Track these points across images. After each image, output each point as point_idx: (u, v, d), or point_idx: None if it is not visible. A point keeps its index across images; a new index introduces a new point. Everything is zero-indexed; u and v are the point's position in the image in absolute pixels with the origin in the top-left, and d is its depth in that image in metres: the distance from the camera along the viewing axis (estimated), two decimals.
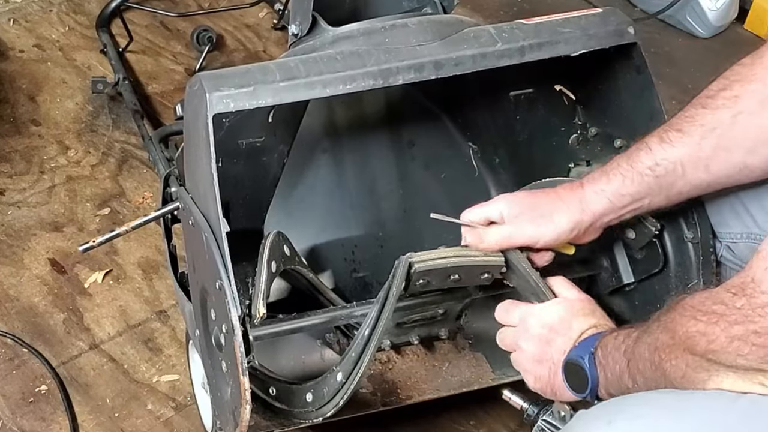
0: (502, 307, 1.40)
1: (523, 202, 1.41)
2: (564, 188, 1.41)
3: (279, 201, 1.62)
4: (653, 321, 1.17)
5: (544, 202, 1.40)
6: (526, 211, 1.40)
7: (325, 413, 1.39)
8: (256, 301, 1.35)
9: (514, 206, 1.41)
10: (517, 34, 1.42)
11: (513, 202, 1.42)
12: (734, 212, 1.43)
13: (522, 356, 1.37)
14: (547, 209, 1.39)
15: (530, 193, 1.45)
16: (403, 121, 1.69)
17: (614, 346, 1.23)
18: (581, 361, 1.26)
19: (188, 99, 1.39)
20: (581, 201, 1.38)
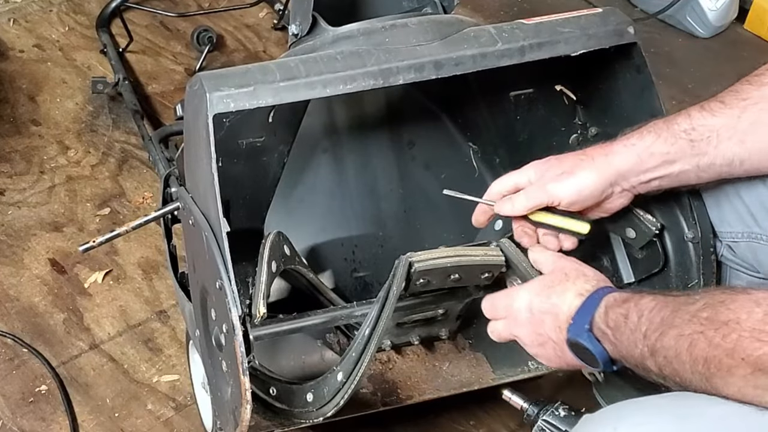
0: (486, 303, 1.38)
1: (550, 162, 1.40)
2: (593, 147, 1.39)
3: (279, 201, 1.62)
4: (684, 314, 1.11)
5: (570, 160, 1.38)
6: (552, 169, 1.38)
7: (326, 413, 1.39)
8: (256, 300, 1.35)
9: (541, 168, 1.39)
10: (517, 34, 1.42)
11: (540, 164, 1.40)
12: (735, 211, 1.43)
13: (526, 347, 1.34)
14: (570, 165, 1.37)
15: (559, 156, 1.42)
16: (403, 121, 1.69)
17: (628, 327, 1.18)
18: (581, 341, 1.23)
19: (188, 99, 1.39)
20: (607, 155, 1.36)
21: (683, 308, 1.12)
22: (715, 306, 1.09)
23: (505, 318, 1.35)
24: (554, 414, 1.63)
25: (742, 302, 1.07)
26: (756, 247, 1.42)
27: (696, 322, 1.10)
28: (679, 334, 1.11)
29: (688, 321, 1.10)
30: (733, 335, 1.05)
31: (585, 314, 1.24)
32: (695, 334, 1.09)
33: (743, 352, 1.04)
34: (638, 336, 1.16)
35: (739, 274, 1.47)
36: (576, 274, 1.31)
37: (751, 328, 1.04)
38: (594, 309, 1.23)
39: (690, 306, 1.11)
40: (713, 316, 1.08)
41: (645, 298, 1.18)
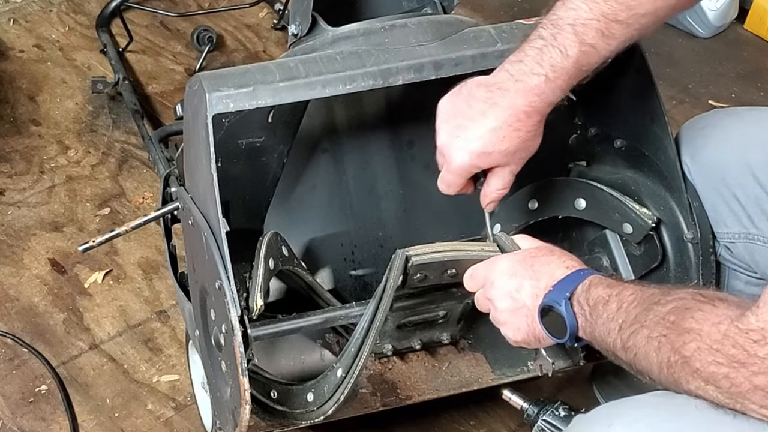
0: (467, 275, 1.37)
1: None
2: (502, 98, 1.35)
3: (279, 201, 1.62)
4: (654, 314, 1.13)
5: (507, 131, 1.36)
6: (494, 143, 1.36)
7: (326, 411, 1.39)
8: (253, 294, 1.35)
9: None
10: (516, 35, 1.42)
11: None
12: (732, 213, 1.43)
13: (497, 313, 1.33)
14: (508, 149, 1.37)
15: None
16: (402, 121, 1.69)
17: (606, 313, 1.19)
18: (558, 306, 1.23)
19: (188, 99, 1.39)
20: (524, 96, 1.34)
21: (655, 308, 1.13)
22: (682, 312, 1.10)
23: (485, 285, 1.35)
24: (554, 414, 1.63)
25: (706, 315, 1.07)
26: (753, 247, 1.43)
27: (663, 325, 1.11)
28: (649, 336, 1.12)
29: (656, 323, 1.11)
30: (692, 344, 1.07)
31: (568, 284, 1.25)
32: (661, 337, 1.10)
33: (698, 363, 1.06)
34: (613, 326, 1.17)
35: (738, 274, 1.48)
36: (562, 253, 1.32)
37: (709, 346, 1.05)
38: (578, 282, 1.24)
39: (661, 307, 1.12)
40: (678, 322, 1.09)
41: (628, 290, 1.18)
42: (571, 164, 1.61)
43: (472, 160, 1.35)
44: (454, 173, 1.38)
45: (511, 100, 1.33)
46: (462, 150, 1.35)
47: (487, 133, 1.33)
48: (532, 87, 1.32)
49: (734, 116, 1.54)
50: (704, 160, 1.46)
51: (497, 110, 1.33)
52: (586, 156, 1.59)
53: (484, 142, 1.34)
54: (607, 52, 1.34)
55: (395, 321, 1.50)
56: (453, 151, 1.36)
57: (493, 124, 1.33)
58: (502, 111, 1.33)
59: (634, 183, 1.53)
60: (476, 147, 1.34)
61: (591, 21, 1.31)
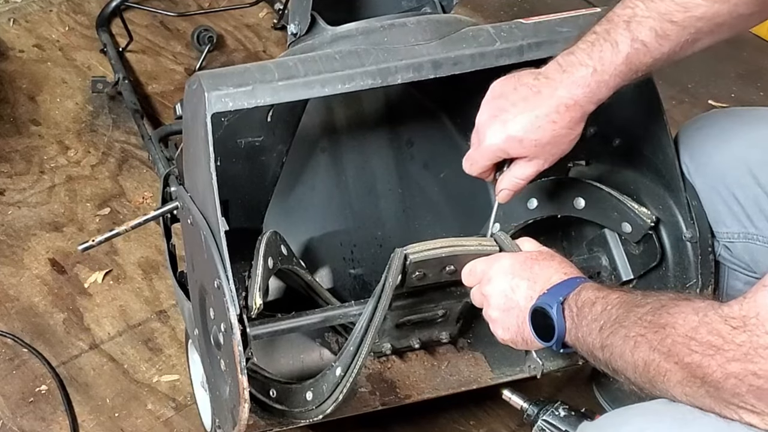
0: (466, 270, 1.37)
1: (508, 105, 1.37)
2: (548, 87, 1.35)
3: (278, 200, 1.62)
4: (634, 315, 1.13)
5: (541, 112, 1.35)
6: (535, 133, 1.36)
7: (325, 410, 1.39)
8: (252, 292, 1.35)
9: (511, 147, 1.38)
10: (515, 34, 1.42)
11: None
12: (731, 212, 1.43)
13: (490, 309, 1.33)
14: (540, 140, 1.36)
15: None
16: (402, 120, 1.69)
17: (591, 314, 1.19)
18: (549, 309, 1.23)
19: (187, 98, 1.40)
20: (569, 92, 1.33)
21: (635, 309, 1.13)
22: (658, 309, 1.10)
23: (482, 280, 1.35)
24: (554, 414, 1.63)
25: (681, 308, 1.07)
26: (752, 247, 1.43)
27: (640, 325, 1.11)
28: (626, 335, 1.12)
29: (634, 322, 1.11)
30: (668, 340, 1.06)
31: (562, 289, 1.25)
32: (638, 337, 1.10)
33: (676, 356, 1.06)
34: (595, 327, 1.17)
35: (737, 274, 1.48)
36: (562, 260, 1.32)
37: (684, 335, 1.05)
38: (572, 288, 1.24)
39: (640, 308, 1.12)
40: (654, 320, 1.09)
41: (614, 294, 1.19)
42: (570, 164, 1.61)
43: (504, 143, 1.35)
44: (482, 153, 1.38)
45: (554, 90, 1.32)
46: (496, 131, 1.35)
47: (524, 118, 1.33)
48: (577, 78, 1.32)
49: (733, 116, 1.55)
50: (703, 160, 1.46)
51: (539, 98, 1.33)
52: (585, 155, 1.59)
53: (519, 127, 1.33)
54: (659, 53, 1.33)
55: (394, 320, 1.50)
56: (487, 131, 1.36)
57: (532, 112, 1.33)
58: (544, 100, 1.32)
59: (633, 182, 1.53)
60: (510, 131, 1.34)
61: (646, 18, 1.31)
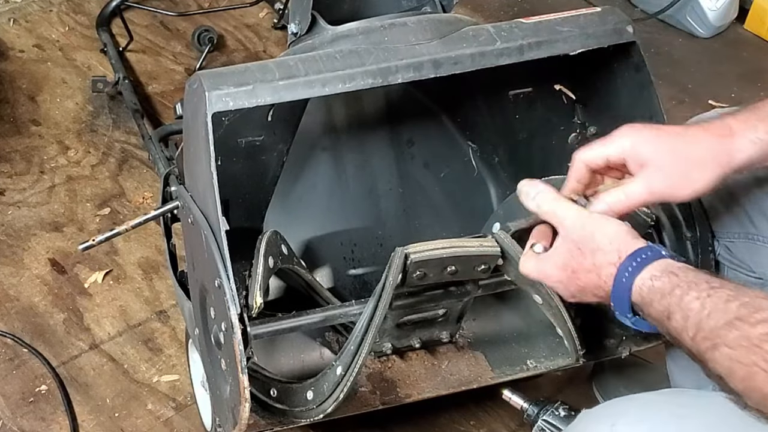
0: (523, 270, 1.25)
1: (656, 144, 1.21)
2: (708, 133, 1.20)
3: (278, 200, 1.62)
4: (737, 331, 1.01)
5: (683, 152, 1.20)
6: (658, 158, 1.20)
7: (326, 409, 1.39)
8: (253, 291, 1.35)
9: (643, 147, 1.20)
10: (516, 33, 1.42)
11: (641, 142, 1.21)
12: (731, 212, 1.43)
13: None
14: (684, 162, 1.19)
15: (662, 134, 1.22)
16: (402, 119, 1.70)
17: (670, 323, 1.08)
18: (623, 318, 1.15)
19: (188, 97, 1.39)
20: (729, 153, 1.20)
21: (739, 326, 1.01)
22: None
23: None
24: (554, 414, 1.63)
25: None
26: (752, 247, 1.43)
27: (757, 354, 0.99)
28: (735, 358, 1.01)
29: (746, 349, 1.00)
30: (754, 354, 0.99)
31: (621, 297, 1.15)
32: (755, 367, 0.99)
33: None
34: (685, 336, 1.07)
35: (737, 274, 1.48)
36: (598, 249, 1.19)
37: None
38: (629, 291, 1.13)
39: (748, 327, 1.01)
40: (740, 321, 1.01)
41: (688, 295, 1.07)
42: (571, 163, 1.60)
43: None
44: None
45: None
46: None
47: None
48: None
49: None
50: None
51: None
52: None
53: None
54: None
55: (394, 319, 1.50)
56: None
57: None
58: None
59: None
60: None
61: None
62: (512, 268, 1.41)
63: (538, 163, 1.65)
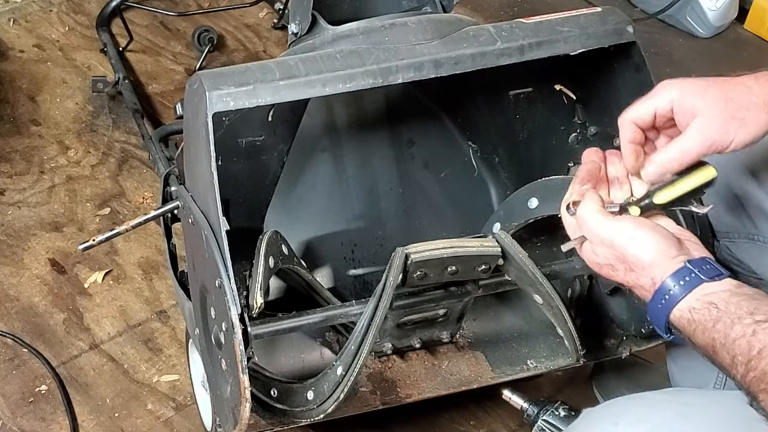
0: (586, 229, 1.18)
1: (705, 92, 1.17)
2: (758, 81, 1.18)
3: (279, 200, 1.62)
4: None
5: (735, 97, 1.16)
6: (710, 105, 1.16)
7: (326, 409, 1.39)
8: (253, 291, 1.35)
9: (692, 96, 1.17)
10: (516, 33, 1.42)
11: (690, 91, 1.17)
12: (732, 212, 1.43)
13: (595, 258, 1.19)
14: (737, 107, 1.16)
15: (710, 82, 1.18)
16: (402, 119, 1.70)
17: (716, 354, 1.06)
18: (657, 329, 1.13)
19: (188, 97, 1.39)
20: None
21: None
22: None
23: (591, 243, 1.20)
24: (554, 414, 1.63)
25: None
26: (754, 248, 1.43)
27: None
28: None
29: None
30: None
31: (660, 315, 1.12)
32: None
33: None
34: (734, 372, 1.05)
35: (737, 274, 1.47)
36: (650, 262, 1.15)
37: None
38: (667, 314, 1.12)
39: None
40: None
41: (732, 332, 1.04)
42: (571, 163, 1.61)
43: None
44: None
45: None
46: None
47: None
48: None
49: None
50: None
51: None
52: None
53: None
54: None
55: (395, 319, 1.50)
56: None
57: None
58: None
59: None
60: None
61: None
62: (513, 268, 1.42)
63: (538, 163, 1.65)
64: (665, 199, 1.21)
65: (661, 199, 1.21)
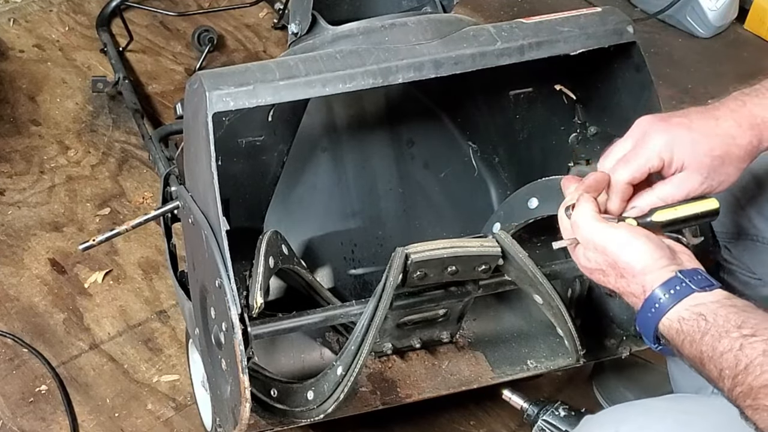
0: (580, 231, 1.19)
1: (694, 148, 1.19)
2: (741, 128, 1.20)
3: (279, 200, 1.62)
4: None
5: (719, 153, 1.19)
6: (696, 161, 1.19)
7: (326, 409, 1.39)
8: (253, 292, 1.35)
9: (680, 151, 1.20)
10: (516, 33, 1.42)
11: (678, 143, 1.20)
12: (732, 213, 1.43)
13: (587, 264, 1.20)
14: (719, 162, 1.19)
15: (695, 136, 1.20)
16: (402, 120, 1.70)
17: (703, 365, 1.05)
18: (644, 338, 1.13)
19: (188, 98, 1.39)
20: (745, 104, 1.23)
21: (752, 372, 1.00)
22: None
23: (584, 247, 1.20)
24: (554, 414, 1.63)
25: None
26: (753, 248, 1.43)
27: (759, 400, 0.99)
28: (755, 408, 0.99)
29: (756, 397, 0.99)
30: None
31: (649, 325, 1.12)
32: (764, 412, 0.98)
33: None
34: (721, 385, 1.04)
35: (736, 274, 1.48)
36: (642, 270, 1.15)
37: None
38: (656, 323, 1.12)
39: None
40: None
41: (720, 345, 1.04)
42: (571, 163, 1.61)
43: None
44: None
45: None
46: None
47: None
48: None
49: None
50: None
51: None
52: (586, 155, 1.59)
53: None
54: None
55: (395, 319, 1.50)
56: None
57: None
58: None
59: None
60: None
61: None
62: (513, 268, 1.42)
63: (538, 163, 1.65)
64: (664, 219, 1.21)
65: (660, 217, 1.21)
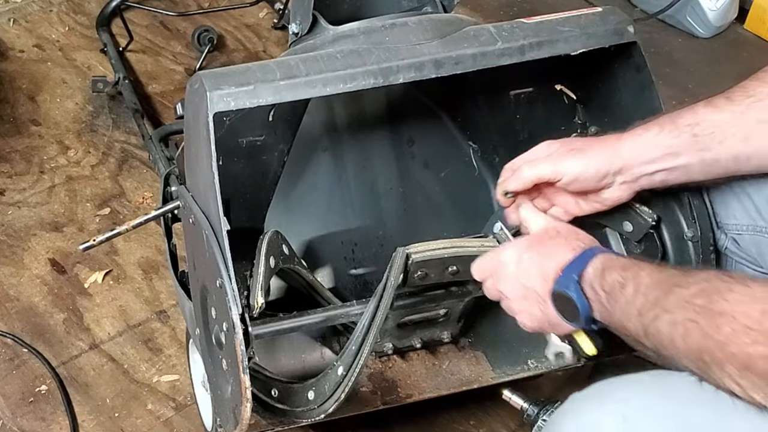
0: (475, 266, 1.37)
1: (561, 141, 1.40)
2: (605, 136, 1.40)
3: (279, 199, 1.62)
4: (677, 297, 1.09)
5: (581, 141, 1.40)
6: (563, 146, 1.39)
7: (327, 409, 1.39)
8: (254, 291, 1.35)
9: (552, 145, 1.40)
10: (517, 33, 1.42)
11: (551, 142, 1.41)
12: (740, 204, 1.43)
13: (509, 302, 1.32)
14: (580, 145, 1.38)
15: (572, 138, 1.46)
16: (403, 119, 1.70)
17: (623, 297, 1.16)
18: (567, 291, 1.22)
19: (189, 98, 1.39)
20: (616, 142, 1.36)
21: (677, 291, 1.10)
22: (710, 294, 1.06)
23: (492, 275, 1.35)
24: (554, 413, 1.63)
25: (739, 295, 1.04)
26: (760, 240, 1.43)
27: (690, 309, 1.07)
28: (673, 321, 1.09)
29: (681, 307, 1.08)
30: (726, 328, 1.03)
31: (576, 266, 1.23)
32: (689, 323, 1.07)
33: (734, 347, 1.03)
34: (632, 311, 1.15)
35: (743, 267, 1.47)
36: (568, 232, 1.32)
37: (744, 325, 1.02)
38: (586, 263, 1.23)
39: (684, 290, 1.09)
40: (708, 305, 1.06)
41: (643, 271, 1.16)
42: None
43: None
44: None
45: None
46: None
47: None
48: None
49: None
50: None
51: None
52: None
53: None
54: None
55: (396, 319, 1.50)
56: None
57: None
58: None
59: None
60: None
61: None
62: None
63: None
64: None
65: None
